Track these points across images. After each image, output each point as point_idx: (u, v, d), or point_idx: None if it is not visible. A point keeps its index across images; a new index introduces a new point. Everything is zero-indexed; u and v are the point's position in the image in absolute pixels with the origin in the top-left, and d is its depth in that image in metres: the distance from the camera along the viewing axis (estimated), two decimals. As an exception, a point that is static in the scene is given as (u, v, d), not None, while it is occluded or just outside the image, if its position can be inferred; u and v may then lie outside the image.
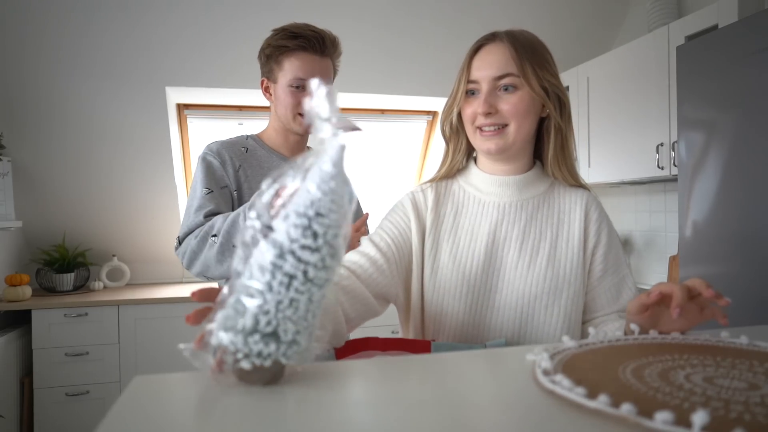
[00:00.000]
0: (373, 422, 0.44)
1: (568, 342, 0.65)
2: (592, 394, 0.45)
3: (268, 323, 0.47)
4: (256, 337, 0.47)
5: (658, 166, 2.36)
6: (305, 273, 0.46)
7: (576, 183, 0.96)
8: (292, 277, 0.46)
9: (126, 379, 2.59)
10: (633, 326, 0.71)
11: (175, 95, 2.89)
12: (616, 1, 3.10)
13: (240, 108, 3.15)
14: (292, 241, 0.46)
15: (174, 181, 2.95)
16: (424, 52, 2.94)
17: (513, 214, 0.92)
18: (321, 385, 0.52)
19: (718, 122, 1.77)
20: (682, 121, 1.91)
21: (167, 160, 2.89)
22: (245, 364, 0.47)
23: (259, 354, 0.47)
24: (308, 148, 1.49)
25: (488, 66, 0.87)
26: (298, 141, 1.39)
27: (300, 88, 1.28)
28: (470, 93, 0.90)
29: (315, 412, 0.45)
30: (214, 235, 1.17)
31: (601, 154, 2.74)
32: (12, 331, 2.49)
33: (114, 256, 3.03)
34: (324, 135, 0.47)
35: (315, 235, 0.46)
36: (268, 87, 1.34)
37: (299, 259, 0.46)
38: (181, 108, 3.06)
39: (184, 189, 3.18)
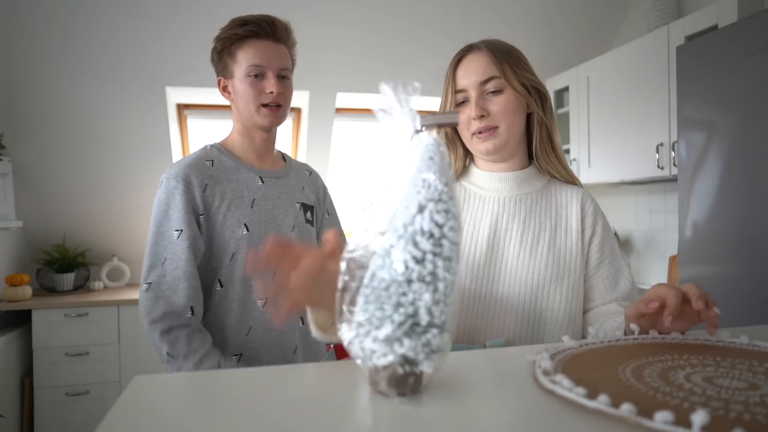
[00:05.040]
0: (358, 421, 0.44)
1: (568, 342, 0.65)
2: (592, 394, 0.45)
3: (441, 313, 0.46)
4: (434, 331, 0.46)
5: (658, 166, 2.36)
6: (458, 253, 0.48)
7: (569, 178, 1.01)
8: (449, 259, 0.47)
9: (126, 379, 2.59)
10: (633, 326, 0.71)
11: (175, 95, 2.89)
12: (616, 1, 3.10)
13: (240, 108, 3.15)
14: (441, 226, 0.47)
15: (174, 181, 2.95)
16: (423, 53, 2.94)
17: (513, 207, 0.97)
18: (328, 380, 0.53)
19: (718, 122, 1.77)
20: (682, 121, 1.91)
21: (167, 160, 2.89)
22: (428, 368, 0.46)
23: (438, 349, 0.46)
24: (280, 153, 1.37)
25: (472, 73, 0.94)
26: (265, 140, 1.27)
27: (258, 77, 1.18)
28: (460, 102, 0.96)
29: (309, 411, 0.45)
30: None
31: (601, 154, 2.74)
32: (12, 330, 2.50)
33: (114, 256, 3.03)
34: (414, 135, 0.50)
35: (455, 217, 0.48)
36: (225, 86, 1.25)
37: (451, 242, 0.47)
38: (181, 108, 3.06)
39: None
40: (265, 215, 1.21)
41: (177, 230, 1.13)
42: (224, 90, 1.26)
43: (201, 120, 3.14)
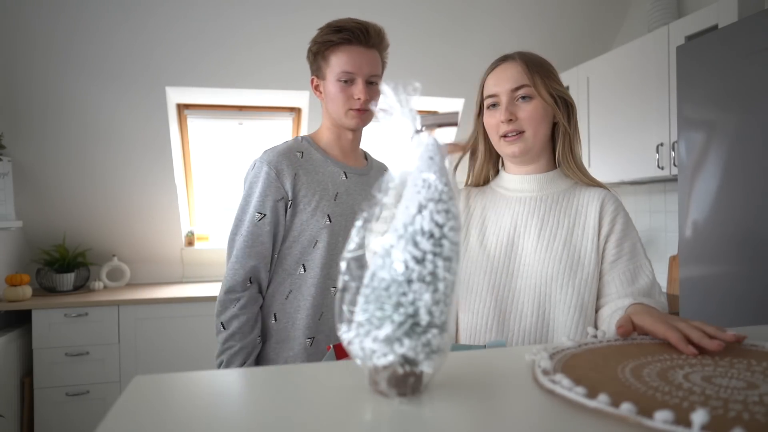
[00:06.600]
0: (358, 421, 0.44)
1: (567, 342, 0.65)
2: (591, 394, 0.45)
3: (441, 313, 0.47)
4: (434, 331, 0.46)
5: (658, 166, 2.36)
6: (458, 254, 0.48)
7: (591, 182, 1.07)
8: (449, 259, 0.47)
9: (126, 379, 2.59)
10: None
11: (175, 95, 2.89)
12: (616, 1, 3.10)
13: (240, 108, 3.15)
14: (441, 226, 0.47)
15: (174, 180, 2.95)
16: (423, 53, 2.94)
17: (533, 206, 1.04)
18: (328, 380, 0.53)
19: (718, 122, 1.77)
20: (682, 121, 1.91)
21: (167, 160, 2.90)
22: (428, 368, 0.46)
23: (438, 349, 0.46)
24: (363, 152, 1.45)
25: (505, 81, 1.02)
26: (352, 139, 1.36)
27: (348, 82, 1.27)
28: (491, 106, 1.04)
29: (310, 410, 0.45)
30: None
31: (601, 154, 2.74)
32: (12, 331, 2.50)
33: (114, 256, 3.03)
34: (414, 135, 0.50)
35: (455, 217, 0.48)
36: (318, 85, 1.34)
37: (452, 242, 0.47)
38: (181, 108, 3.06)
39: (184, 189, 3.18)
40: (345, 209, 1.30)
41: (259, 213, 1.23)
42: (316, 89, 1.35)
43: (201, 120, 3.14)
